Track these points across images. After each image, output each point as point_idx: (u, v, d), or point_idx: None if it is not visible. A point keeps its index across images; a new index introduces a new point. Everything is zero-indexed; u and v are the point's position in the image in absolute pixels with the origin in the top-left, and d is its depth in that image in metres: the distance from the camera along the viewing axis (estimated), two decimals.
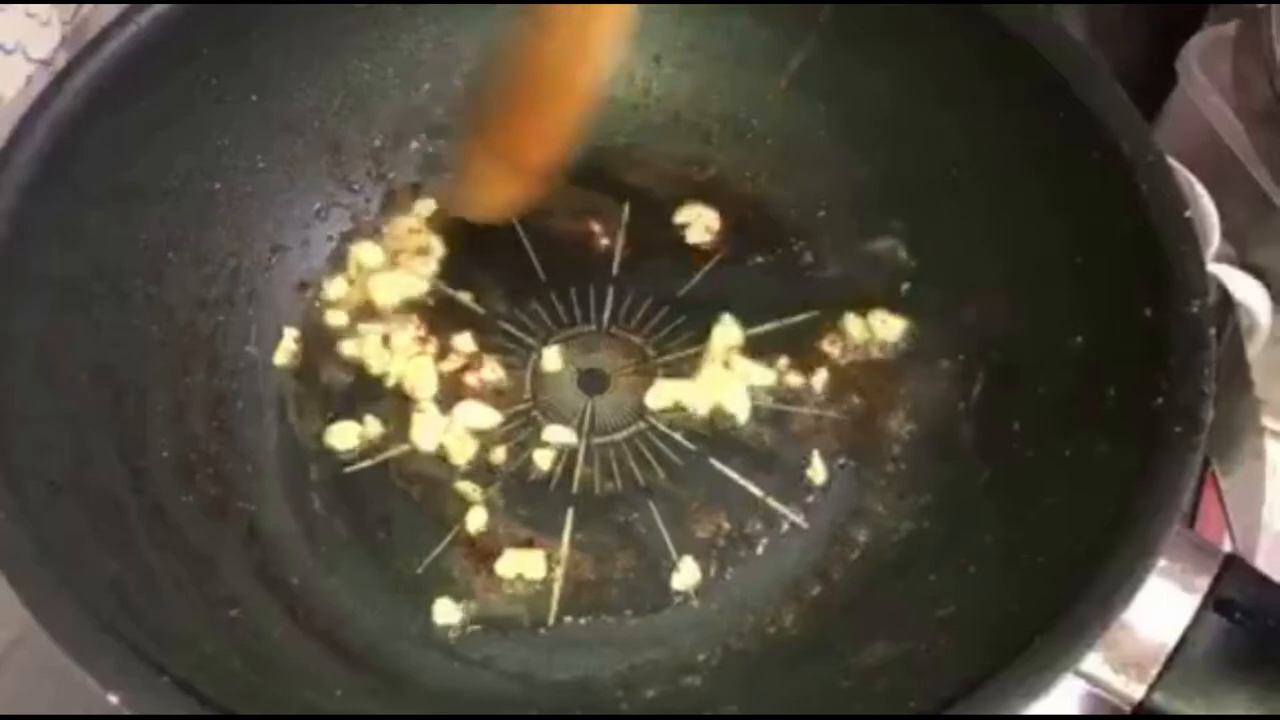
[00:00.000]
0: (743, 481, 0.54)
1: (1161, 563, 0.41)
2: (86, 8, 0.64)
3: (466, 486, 0.54)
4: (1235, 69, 0.67)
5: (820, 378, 0.56)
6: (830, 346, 0.57)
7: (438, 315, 0.58)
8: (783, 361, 0.57)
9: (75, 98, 0.50)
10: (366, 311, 0.58)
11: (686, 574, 0.52)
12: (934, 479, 0.53)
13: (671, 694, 0.49)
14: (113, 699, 0.38)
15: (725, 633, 0.51)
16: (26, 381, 0.47)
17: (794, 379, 0.57)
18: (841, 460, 0.55)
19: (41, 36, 0.62)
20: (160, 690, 0.38)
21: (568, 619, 0.51)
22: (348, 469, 0.54)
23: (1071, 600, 0.40)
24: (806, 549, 0.53)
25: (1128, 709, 0.42)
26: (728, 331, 0.57)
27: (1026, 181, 0.54)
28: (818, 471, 0.54)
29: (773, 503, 0.54)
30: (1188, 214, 0.47)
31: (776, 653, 0.50)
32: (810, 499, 0.54)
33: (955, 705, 0.40)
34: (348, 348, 0.57)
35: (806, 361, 0.57)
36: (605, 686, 0.50)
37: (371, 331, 0.57)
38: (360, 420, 0.55)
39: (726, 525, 0.53)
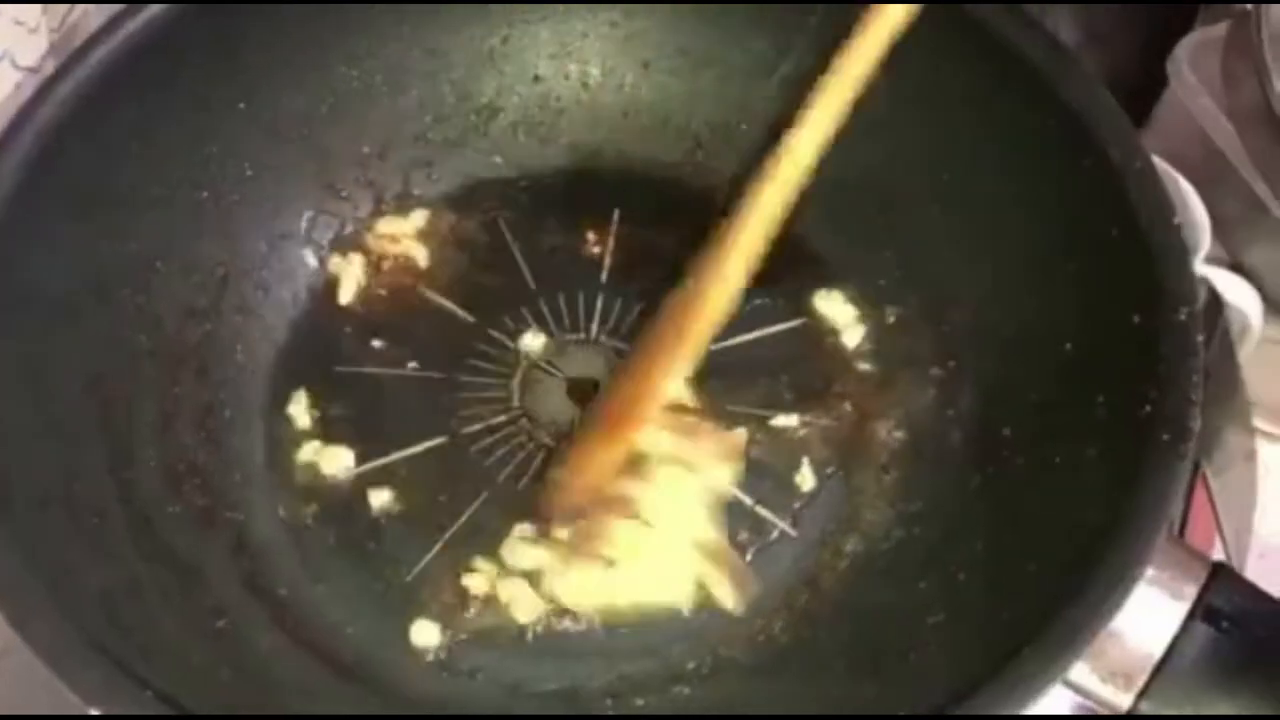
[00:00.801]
0: (746, 499, 0.54)
1: (1149, 571, 0.41)
2: (75, 14, 0.64)
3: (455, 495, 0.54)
4: (1225, 70, 0.66)
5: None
6: (827, 349, 0.57)
7: (425, 323, 0.58)
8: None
9: (62, 106, 0.50)
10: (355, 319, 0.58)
11: None
12: (923, 486, 0.53)
13: (661, 703, 0.49)
14: (94, 713, 0.38)
15: (715, 642, 0.51)
16: (12, 391, 0.46)
17: None
18: (830, 468, 0.55)
19: (29, 44, 0.62)
20: (144, 705, 0.38)
21: (557, 628, 0.51)
22: (336, 478, 0.54)
23: (1060, 609, 0.40)
24: (796, 557, 0.53)
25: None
26: None
27: (1015, 187, 0.54)
28: (806, 479, 0.54)
29: (762, 511, 0.54)
30: (1176, 220, 0.47)
31: (766, 661, 0.50)
32: (799, 506, 0.54)
33: (944, 712, 0.40)
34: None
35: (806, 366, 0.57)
36: (594, 696, 0.50)
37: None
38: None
39: None
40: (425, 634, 0.51)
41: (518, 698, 0.50)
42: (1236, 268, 0.66)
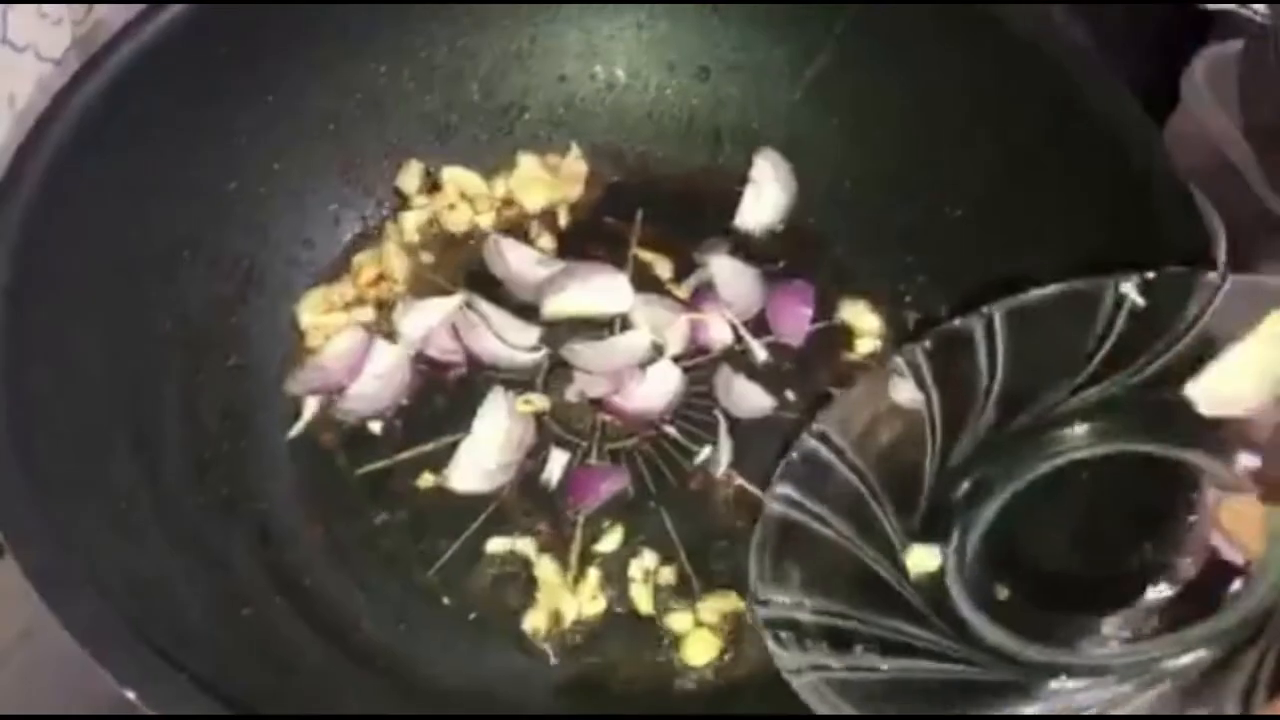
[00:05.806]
0: (756, 490, 0.54)
1: None
2: (100, 7, 0.64)
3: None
4: (1242, 86, 0.67)
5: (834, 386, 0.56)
6: (843, 354, 0.58)
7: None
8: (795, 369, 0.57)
9: (94, 96, 0.50)
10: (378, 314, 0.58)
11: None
12: None
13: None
14: (130, 695, 0.38)
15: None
16: (44, 378, 0.46)
17: None
18: None
19: (53, 36, 0.62)
20: (180, 688, 0.38)
21: (579, 621, 0.51)
22: (360, 470, 0.54)
23: None
24: None
25: None
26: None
27: (1038, 191, 0.54)
28: None
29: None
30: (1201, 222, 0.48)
31: None
32: None
33: None
34: None
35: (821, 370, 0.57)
36: (619, 691, 0.50)
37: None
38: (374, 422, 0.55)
39: None
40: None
41: (536, 687, 0.50)
42: None
